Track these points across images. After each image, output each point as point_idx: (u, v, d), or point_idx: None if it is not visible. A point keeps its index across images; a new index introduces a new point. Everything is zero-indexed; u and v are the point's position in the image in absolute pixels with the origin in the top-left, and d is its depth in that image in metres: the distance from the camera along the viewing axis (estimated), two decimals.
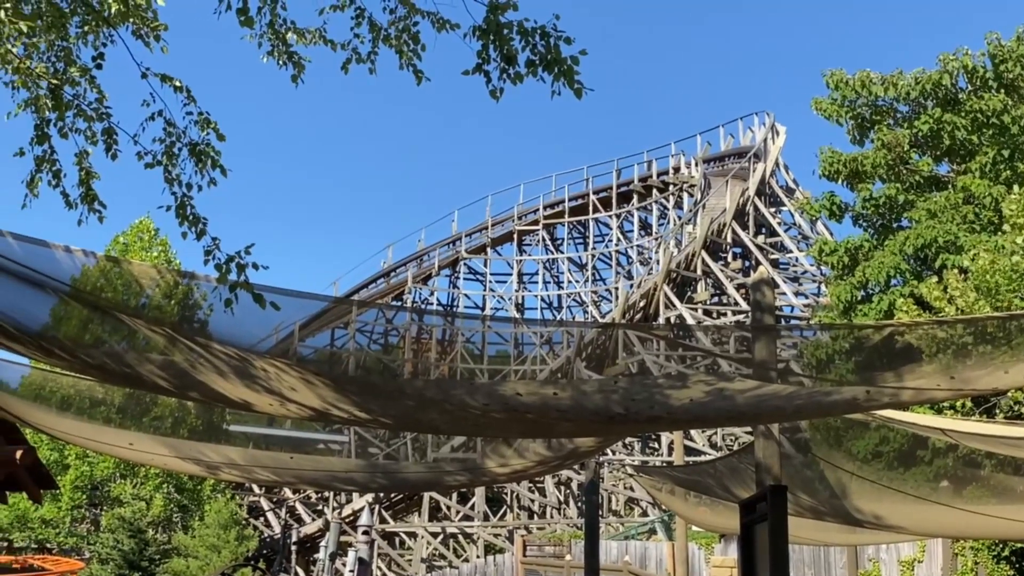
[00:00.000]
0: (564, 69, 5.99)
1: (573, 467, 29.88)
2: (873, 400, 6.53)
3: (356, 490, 26.20)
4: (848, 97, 22.90)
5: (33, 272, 5.48)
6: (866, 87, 22.54)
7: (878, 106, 23.00)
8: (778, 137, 49.22)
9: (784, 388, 7.12)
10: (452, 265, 52.45)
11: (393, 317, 48.76)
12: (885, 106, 23.07)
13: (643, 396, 6.98)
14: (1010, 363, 6.46)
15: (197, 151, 7.53)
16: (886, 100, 22.88)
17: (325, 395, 6.45)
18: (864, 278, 20.41)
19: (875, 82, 22.52)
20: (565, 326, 52.97)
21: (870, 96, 22.65)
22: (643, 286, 43.93)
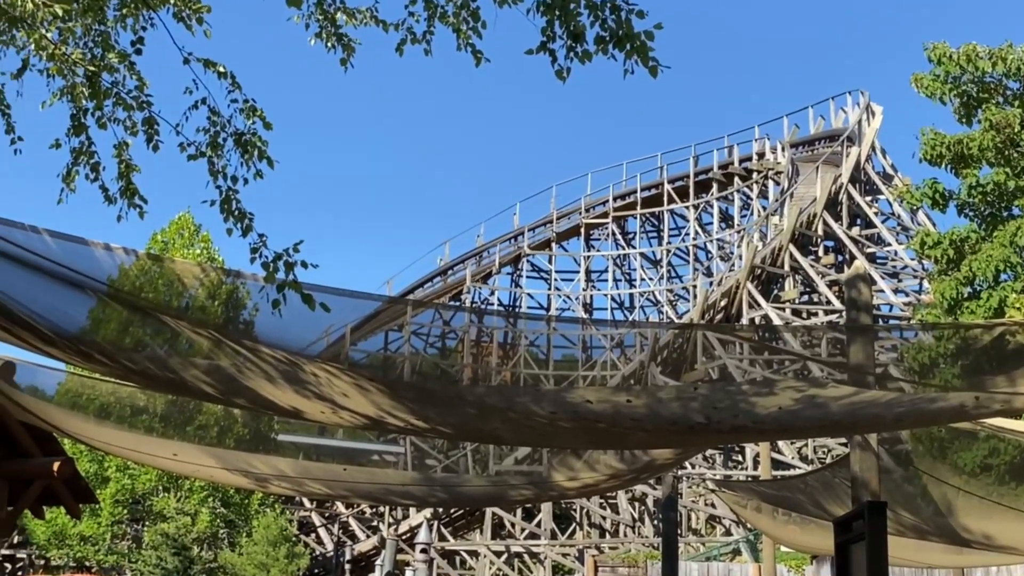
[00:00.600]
0: (637, 45, 5.95)
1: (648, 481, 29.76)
2: (982, 407, 6.41)
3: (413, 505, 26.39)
4: (952, 73, 22.44)
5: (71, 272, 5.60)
6: (972, 62, 22.07)
7: (985, 83, 22.51)
8: (874, 118, 48.46)
9: (883, 394, 7.03)
10: (514, 262, 52.53)
11: (451, 318, 49.03)
12: (993, 83, 22.56)
13: (726, 404, 6.94)
14: None
15: (243, 141, 7.64)
16: (994, 76, 22.37)
17: (380, 402, 6.50)
18: (971, 273, 20.02)
19: (982, 56, 22.05)
20: (638, 327, 52.74)
21: (976, 72, 22.17)
22: (724, 284, 43.60)
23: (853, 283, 8.04)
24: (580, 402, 6.94)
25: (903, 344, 24.38)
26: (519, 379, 45.54)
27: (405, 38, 7.52)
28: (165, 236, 37.82)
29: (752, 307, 41.55)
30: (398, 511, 37.58)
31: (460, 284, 51.23)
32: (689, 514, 36.65)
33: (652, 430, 7.34)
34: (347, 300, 6.65)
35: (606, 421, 7.08)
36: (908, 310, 38.66)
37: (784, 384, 7.03)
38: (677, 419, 7.09)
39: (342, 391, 6.32)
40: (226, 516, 35.19)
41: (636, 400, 7.12)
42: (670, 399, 7.24)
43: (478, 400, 7.14)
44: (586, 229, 52.71)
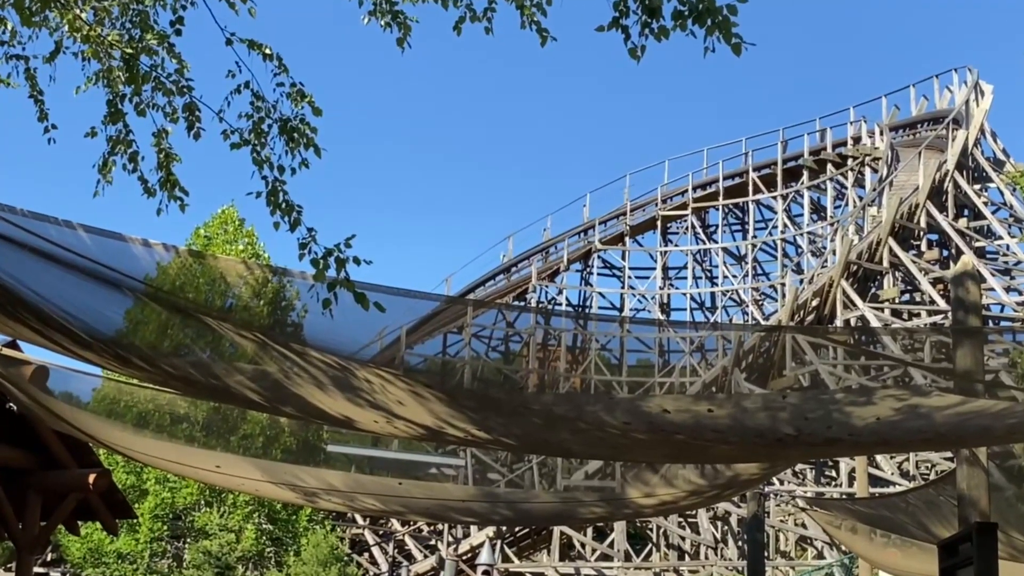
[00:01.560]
0: (719, 21, 5.92)
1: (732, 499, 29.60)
2: None
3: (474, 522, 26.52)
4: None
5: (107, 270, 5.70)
6: None
7: None
8: (983, 98, 47.65)
9: (993, 404, 6.94)
10: (584, 258, 52.49)
11: (515, 320, 49.10)
12: None
13: (818, 414, 6.90)
14: None
15: (289, 128, 7.73)
16: None
17: (438, 411, 6.55)
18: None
19: None
20: (720, 330, 52.35)
21: None
22: (816, 281, 43.16)
23: (960, 281, 7.94)
24: (657, 412, 6.93)
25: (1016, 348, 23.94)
26: (589, 386, 45.52)
27: (464, 15, 7.56)
28: (208, 231, 38.33)
29: (847, 307, 41.08)
30: (458, 529, 37.73)
31: (525, 282, 51.31)
32: (777, 535, 36.37)
33: (736, 443, 7.31)
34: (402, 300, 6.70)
35: (685, 433, 7.06)
36: (1021, 311, 37.98)
37: (883, 392, 6.97)
38: (764, 431, 7.06)
39: (397, 399, 6.38)
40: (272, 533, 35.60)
41: (718, 410, 7.09)
42: (756, 408, 7.20)
43: (544, 409, 7.16)
44: (663, 222, 52.49)
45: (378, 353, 39.76)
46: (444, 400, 6.47)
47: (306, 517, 36.04)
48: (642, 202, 53.31)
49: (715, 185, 52.52)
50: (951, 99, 50.08)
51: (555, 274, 52.25)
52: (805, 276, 46.49)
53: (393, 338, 41.09)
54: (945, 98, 50.96)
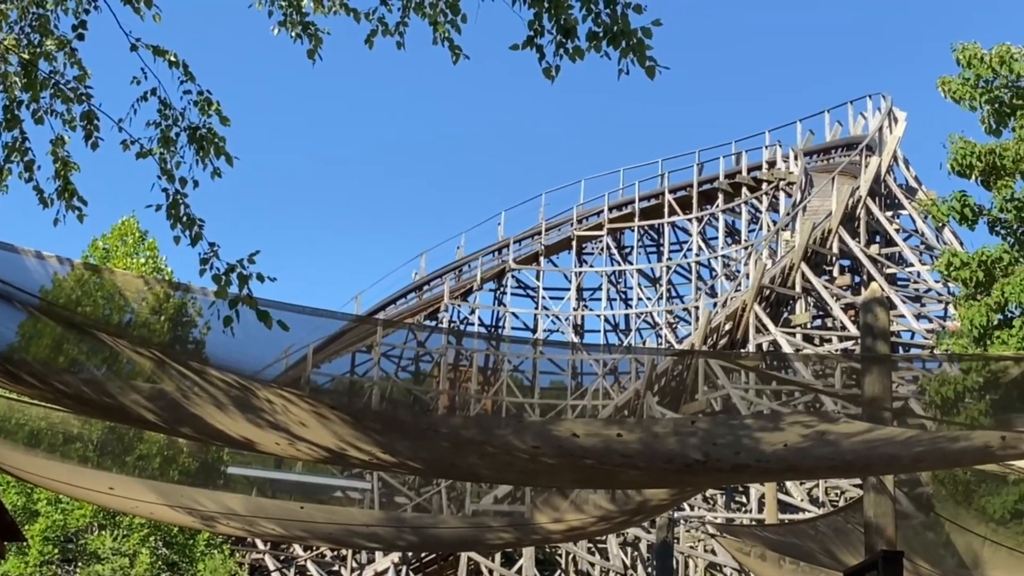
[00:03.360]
0: (634, 43, 6.00)
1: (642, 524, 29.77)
2: (1010, 448, 6.46)
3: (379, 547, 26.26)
4: (983, 77, 22.64)
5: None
6: (1006, 64, 22.27)
7: (1020, 87, 22.70)
8: (897, 125, 48.64)
9: (900, 432, 7.08)
10: (497, 277, 52.55)
11: (426, 339, 48.93)
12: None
13: (727, 440, 6.98)
14: None
15: (198, 136, 7.65)
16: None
17: (341, 432, 6.51)
18: (1003, 298, 20.13)
19: (1017, 58, 22.25)
20: (633, 353, 52.73)
21: (1011, 75, 22.37)
22: (729, 305, 43.64)
23: (869, 307, 8.10)
24: (566, 436, 6.96)
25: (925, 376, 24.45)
26: (501, 408, 45.53)
27: (376, 29, 7.56)
28: (107, 242, 37.63)
29: (760, 332, 41.61)
30: (362, 554, 37.42)
31: (437, 301, 51.19)
32: (687, 561, 36.62)
33: (645, 468, 7.36)
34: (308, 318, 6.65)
35: (594, 457, 7.10)
36: (931, 338, 38.76)
37: (791, 419, 7.07)
38: (673, 456, 7.12)
39: (300, 420, 6.33)
40: (168, 558, 34.96)
41: (628, 434, 7.14)
42: (666, 433, 7.27)
43: (453, 432, 7.15)
44: (578, 242, 52.77)
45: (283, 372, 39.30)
46: (348, 422, 6.43)
47: (204, 541, 35.44)
48: (557, 221, 53.53)
49: (631, 206, 52.90)
50: (865, 125, 51.06)
51: (468, 293, 52.22)
52: (719, 299, 46.97)
53: (299, 357, 40.78)
54: (859, 124, 51.95)
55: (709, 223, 52.42)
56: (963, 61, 22.82)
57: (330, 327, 38.72)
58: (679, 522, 33.28)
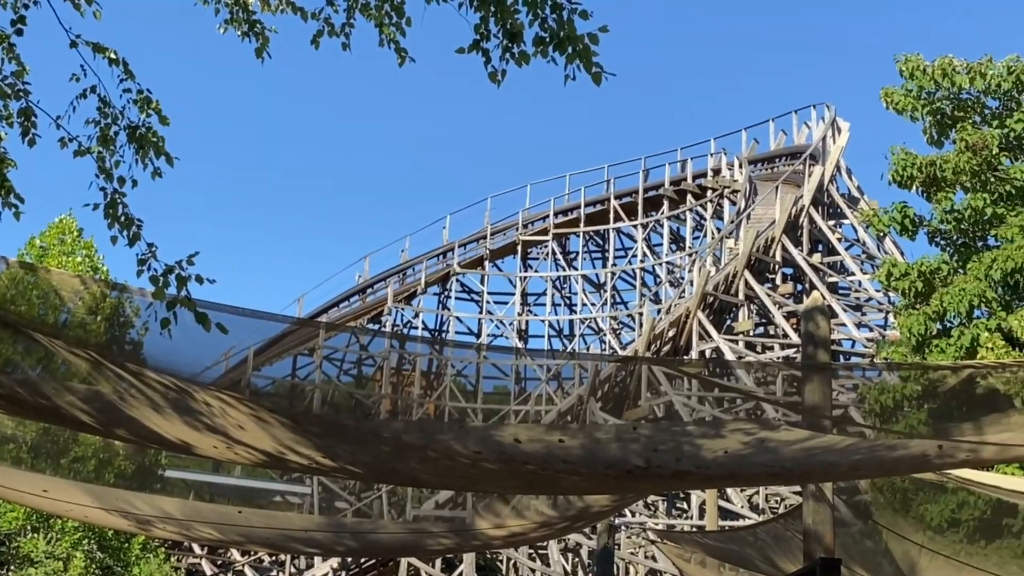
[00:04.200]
0: (580, 49, 6.02)
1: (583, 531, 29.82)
2: (947, 457, 6.54)
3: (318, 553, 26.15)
4: (926, 88, 22.94)
5: None
6: (948, 76, 22.58)
7: (962, 100, 23.04)
8: (840, 135, 49.17)
9: (840, 440, 7.14)
10: (442, 281, 52.51)
11: (369, 343, 48.77)
12: (971, 100, 23.11)
13: (668, 446, 7.00)
14: None
15: (137, 135, 7.58)
16: (972, 93, 22.91)
17: (280, 436, 6.46)
18: (941, 308, 20.40)
19: (959, 71, 22.57)
20: (577, 359, 52.90)
21: (952, 87, 22.69)
22: (673, 312, 43.88)
23: (810, 316, 8.17)
24: (509, 441, 6.95)
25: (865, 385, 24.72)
26: (443, 413, 45.46)
27: (322, 29, 7.53)
28: (43, 240, 37.13)
29: (703, 338, 41.85)
30: (301, 560, 37.21)
31: (381, 304, 51.05)
32: (627, 567, 36.76)
33: (586, 474, 7.37)
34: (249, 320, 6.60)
35: (536, 463, 7.10)
36: (871, 347, 39.17)
37: (732, 426, 7.11)
38: (614, 462, 7.13)
39: (238, 423, 6.27)
40: (103, 562, 34.52)
41: (570, 440, 7.15)
42: (608, 439, 7.28)
43: (394, 436, 7.11)
44: (523, 247, 52.87)
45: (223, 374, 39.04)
46: (287, 425, 6.39)
47: (139, 545, 35.06)
48: (503, 226, 53.59)
49: (577, 212, 53.09)
50: (809, 135, 51.55)
51: (412, 296, 52.12)
52: (663, 306, 47.23)
53: (240, 359, 40.47)
54: (803, 134, 52.45)
55: (654, 229, 52.69)
56: (906, 72, 23.11)
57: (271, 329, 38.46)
58: (620, 528, 33.43)
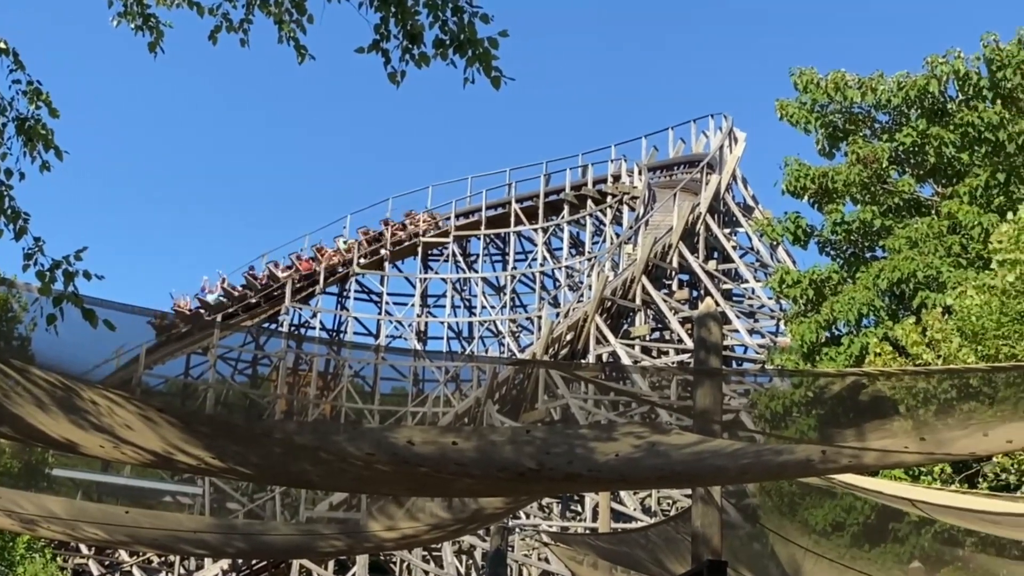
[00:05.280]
0: (480, 53, 6.04)
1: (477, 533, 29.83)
2: (830, 462, 6.67)
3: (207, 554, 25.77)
4: (819, 101, 23.45)
5: None
6: (840, 90, 23.11)
7: (853, 113, 23.60)
8: (736, 145, 49.89)
9: (729, 444, 7.25)
10: (341, 281, 52.14)
11: (265, 343, 48.25)
12: (862, 114, 23.68)
13: (561, 449, 7.04)
14: (992, 423, 6.65)
15: (26, 128, 7.42)
16: (863, 107, 23.48)
17: (168, 436, 6.36)
18: (832, 316, 20.84)
19: (851, 85, 23.10)
20: (476, 361, 52.94)
21: (844, 101, 23.23)
22: (571, 316, 44.12)
23: (703, 321, 8.28)
24: (402, 443, 6.93)
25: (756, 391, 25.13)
26: (340, 414, 45.15)
27: (220, 25, 7.43)
28: None
29: (600, 343, 42.13)
30: (191, 561, 36.64)
31: (278, 303, 50.53)
32: (521, 569, 36.86)
33: (479, 476, 7.38)
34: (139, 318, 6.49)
35: (429, 465, 7.08)
36: (763, 353, 39.79)
37: (624, 429, 7.18)
38: (507, 464, 7.15)
39: (125, 422, 6.16)
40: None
41: (464, 442, 7.15)
42: (502, 442, 7.30)
43: (286, 437, 7.05)
44: (424, 248, 52.71)
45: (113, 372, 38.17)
46: (176, 425, 6.29)
47: (24, 544, 34.25)
48: None
49: (478, 214, 53.11)
50: (707, 144, 52.22)
51: (310, 296, 51.67)
52: (561, 310, 47.44)
53: (132, 357, 39.76)
54: (701, 142, 53.13)
55: (554, 234, 52.93)
56: (800, 85, 23.59)
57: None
58: (514, 530, 33.52)
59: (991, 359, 14.70)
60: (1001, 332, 15.00)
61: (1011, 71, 22.00)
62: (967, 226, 20.44)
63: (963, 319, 15.77)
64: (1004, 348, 14.80)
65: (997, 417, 6.67)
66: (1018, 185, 20.53)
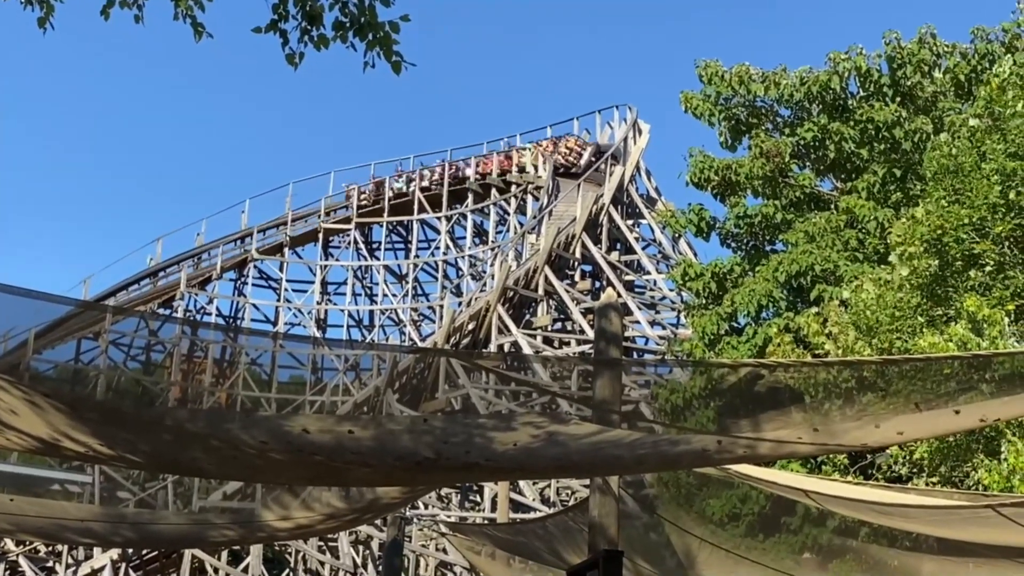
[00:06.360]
0: (380, 36, 6.00)
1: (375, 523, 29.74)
2: (726, 452, 6.77)
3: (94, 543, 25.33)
4: (723, 94, 23.76)
5: None
6: (744, 84, 23.44)
7: (756, 107, 23.96)
8: (640, 136, 50.30)
9: (627, 434, 7.31)
10: (239, 267, 51.51)
11: (159, 328, 47.54)
12: (765, 108, 24.06)
13: (460, 439, 7.04)
14: (884, 415, 6.81)
15: None
16: (766, 101, 23.85)
17: (55, 422, 6.23)
18: (733, 307, 21.14)
19: (755, 79, 23.45)
20: (376, 349, 52.85)
21: (748, 95, 23.57)
22: (474, 305, 44.15)
23: (604, 312, 8.35)
24: (297, 432, 6.87)
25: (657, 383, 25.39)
26: (236, 401, 44.63)
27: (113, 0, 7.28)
28: None
29: (502, 332, 42.24)
30: (79, 551, 35.96)
31: (173, 289, 49.72)
32: (418, 559, 36.86)
33: (376, 465, 7.34)
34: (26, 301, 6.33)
35: (324, 454, 7.03)
36: (663, 344, 40.24)
37: (523, 419, 7.20)
38: (404, 454, 7.14)
39: (10, 407, 6.02)
40: None
41: (361, 431, 7.11)
42: (400, 431, 7.27)
43: (177, 424, 6.95)
44: (325, 235, 52.33)
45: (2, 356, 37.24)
46: (63, 411, 6.16)
47: None
48: (304, 213, 52.94)
49: (381, 201, 52.88)
50: (611, 135, 52.60)
51: (207, 282, 50.97)
52: (464, 299, 47.46)
53: (20, 341, 38.84)
54: (606, 133, 53.49)
55: (458, 222, 52.91)
56: (705, 77, 23.88)
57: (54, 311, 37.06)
58: (412, 520, 33.47)
59: (884, 352, 15.04)
60: (895, 326, 15.36)
61: (911, 69, 22.54)
62: (864, 221, 20.89)
63: (857, 313, 16.11)
64: (897, 342, 15.15)
65: (889, 409, 6.82)
66: (914, 181, 21.03)
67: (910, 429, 6.95)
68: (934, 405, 6.60)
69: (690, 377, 19.13)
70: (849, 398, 7.30)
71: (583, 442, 6.92)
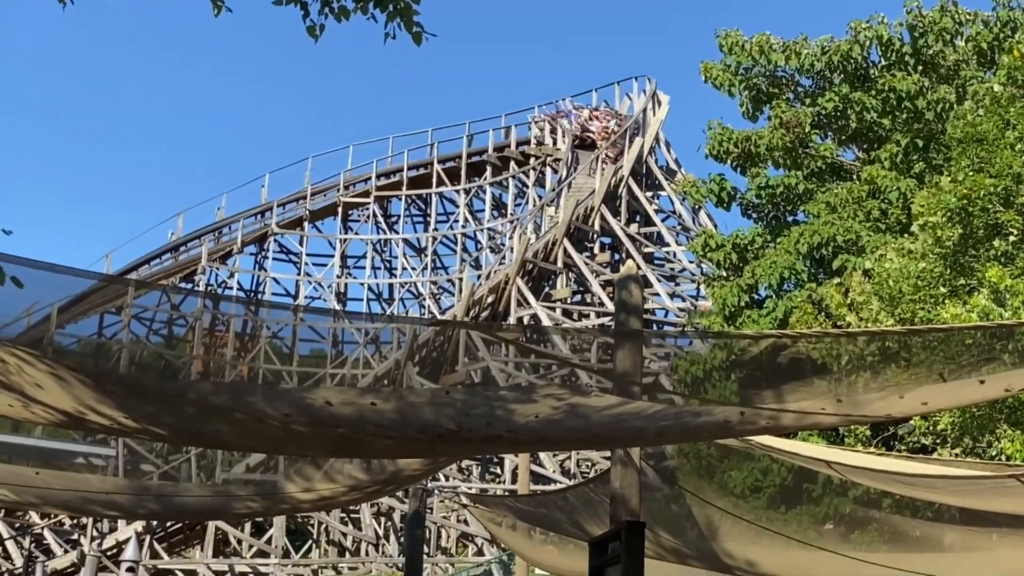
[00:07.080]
0: (401, 7, 5.97)
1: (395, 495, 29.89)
2: (748, 423, 6.75)
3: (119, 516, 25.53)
4: (744, 64, 23.58)
5: None
6: (764, 54, 23.26)
7: (777, 77, 23.78)
8: (660, 108, 50.10)
9: (649, 406, 7.29)
10: (259, 241, 51.61)
11: (181, 302, 47.69)
12: (785, 78, 23.87)
13: (481, 411, 7.04)
14: (908, 386, 6.78)
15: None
16: (787, 71, 23.67)
17: (80, 395, 6.25)
18: (754, 279, 21.06)
19: (775, 48, 23.26)
20: (396, 322, 52.86)
21: (769, 64, 23.39)
22: (493, 278, 44.18)
23: (624, 284, 8.31)
24: (320, 404, 6.89)
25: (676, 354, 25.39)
26: (257, 375, 44.82)
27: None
28: None
29: (521, 305, 42.27)
30: (104, 523, 36.24)
31: (194, 263, 49.90)
32: (439, 531, 37.03)
33: (398, 437, 7.36)
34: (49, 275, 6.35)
35: (347, 426, 7.05)
36: (684, 316, 40.18)
37: (544, 391, 7.19)
38: (426, 426, 7.15)
39: (35, 381, 6.04)
40: None
41: (383, 404, 7.12)
42: (421, 403, 7.29)
43: (200, 397, 6.97)
44: (344, 208, 52.36)
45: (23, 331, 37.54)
46: (88, 384, 6.18)
47: None
48: (323, 187, 52.97)
49: (399, 174, 52.87)
50: (630, 106, 52.42)
51: (227, 256, 51.11)
52: (483, 272, 47.49)
53: (43, 315, 39.06)
54: (624, 105, 53.31)
55: (476, 195, 52.89)
56: (725, 47, 23.70)
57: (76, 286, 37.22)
58: (433, 492, 33.61)
59: (907, 322, 14.98)
60: (917, 296, 15.28)
61: (933, 38, 22.32)
62: (886, 191, 20.75)
63: (880, 283, 16.03)
64: (920, 312, 15.08)
65: (912, 380, 6.80)
66: (937, 151, 20.87)
67: (934, 399, 6.91)
68: (958, 375, 6.57)
69: (710, 349, 19.08)
70: (873, 369, 7.27)
71: (604, 414, 6.91)
